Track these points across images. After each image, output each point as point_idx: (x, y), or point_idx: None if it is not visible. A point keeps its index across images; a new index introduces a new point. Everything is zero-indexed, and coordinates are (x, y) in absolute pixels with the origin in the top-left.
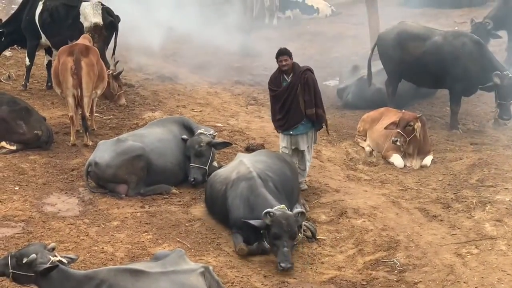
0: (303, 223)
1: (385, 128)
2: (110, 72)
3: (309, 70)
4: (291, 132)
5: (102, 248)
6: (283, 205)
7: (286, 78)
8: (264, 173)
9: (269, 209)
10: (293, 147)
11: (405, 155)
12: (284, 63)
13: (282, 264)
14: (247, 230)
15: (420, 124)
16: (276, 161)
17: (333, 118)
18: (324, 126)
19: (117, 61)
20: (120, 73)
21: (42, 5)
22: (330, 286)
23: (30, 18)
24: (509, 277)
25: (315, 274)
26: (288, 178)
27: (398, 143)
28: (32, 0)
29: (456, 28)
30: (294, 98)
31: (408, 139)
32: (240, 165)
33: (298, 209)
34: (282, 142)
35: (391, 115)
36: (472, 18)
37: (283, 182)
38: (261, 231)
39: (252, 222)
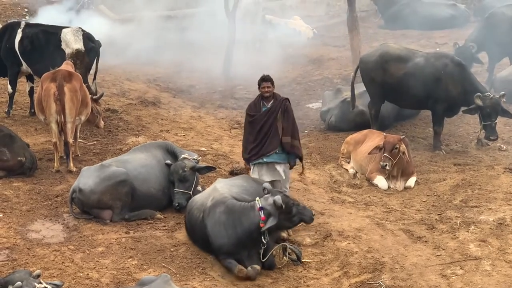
0: (288, 246)
1: (369, 153)
2: (90, 96)
3: (288, 100)
4: (264, 159)
5: (87, 274)
6: (266, 183)
7: (266, 104)
8: (240, 196)
9: (276, 197)
10: (267, 180)
11: (389, 177)
12: (266, 89)
13: (313, 213)
14: (236, 253)
15: (404, 145)
16: (253, 184)
17: (316, 140)
18: (299, 161)
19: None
20: (100, 97)
21: (21, 33)
22: None
23: (10, 45)
24: None
25: None
26: None
27: (387, 167)
28: (10, 28)
29: (438, 49)
30: (273, 124)
31: (395, 162)
32: (214, 192)
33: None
34: (253, 175)
35: (375, 137)
36: (455, 42)
37: None
38: (263, 230)
39: (271, 223)
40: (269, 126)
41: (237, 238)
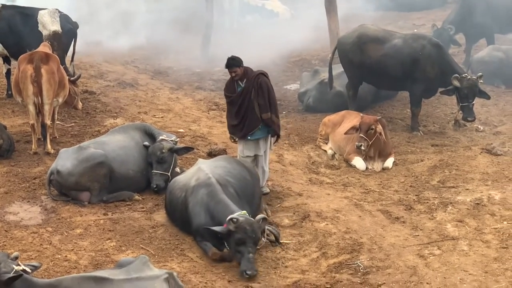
0: (266, 227)
1: (345, 133)
2: (68, 78)
3: (262, 74)
4: (248, 137)
5: (66, 256)
6: (244, 211)
7: (240, 83)
8: (223, 179)
9: (232, 215)
10: (251, 154)
11: (366, 158)
12: (234, 74)
13: (248, 272)
14: (210, 237)
15: (381, 126)
16: (236, 166)
17: (294, 122)
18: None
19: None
20: (78, 78)
21: None
22: None
23: None
24: (471, 277)
25: (279, 278)
26: (248, 182)
27: (362, 148)
28: None
29: (415, 30)
30: (249, 103)
31: (370, 143)
32: (199, 172)
33: (260, 215)
34: (243, 149)
35: (352, 118)
36: (433, 23)
37: (243, 187)
38: (223, 238)
39: (214, 228)
40: (246, 106)
41: (210, 224)
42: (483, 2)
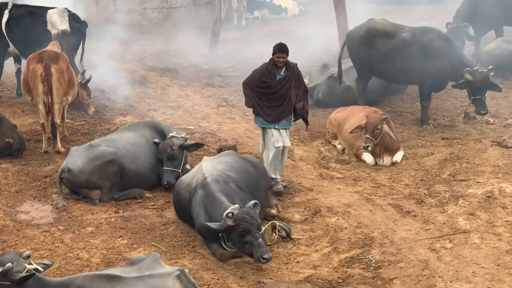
0: (277, 223)
1: (351, 132)
2: (79, 81)
3: (296, 64)
4: (276, 126)
5: (77, 254)
6: (236, 205)
7: (280, 72)
8: (224, 175)
9: (228, 211)
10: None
11: (374, 155)
12: (281, 59)
13: (265, 256)
14: (209, 235)
15: (386, 125)
16: (238, 160)
17: None
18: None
19: (84, 70)
20: (88, 81)
21: (8, 14)
22: (306, 285)
23: None
24: (483, 270)
25: (291, 274)
26: (252, 175)
27: (369, 148)
28: None
29: (424, 24)
30: (287, 92)
31: (376, 142)
32: (199, 171)
33: (251, 201)
34: (271, 136)
35: (358, 112)
36: (447, 22)
37: (246, 180)
38: (221, 235)
39: (211, 225)
40: (283, 93)
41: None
42: None
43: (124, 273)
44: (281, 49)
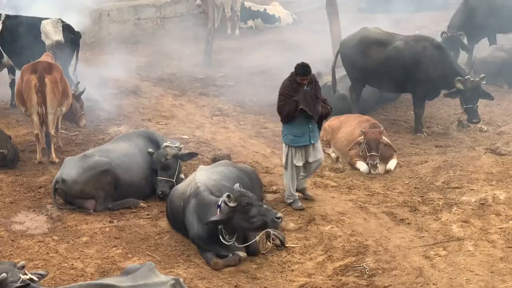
0: (271, 232)
1: (349, 149)
2: (72, 93)
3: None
4: (311, 141)
5: (72, 264)
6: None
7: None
8: (219, 184)
9: (223, 197)
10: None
11: (367, 163)
12: (305, 82)
13: (278, 215)
14: (205, 245)
15: (384, 137)
16: (233, 170)
17: None
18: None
19: (78, 82)
20: (82, 93)
21: (1, 25)
22: None
23: None
24: (477, 277)
25: (286, 282)
26: (247, 185)
27: (378, 165)
28: None
29: (417, 32)
30: (313, 102)
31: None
32: (193, 180)
33: (235, 185)
34: (293, 157)
35: (351, 121)
36: (442, 31)
37: None
38: (220, 227)
39: (214, 218)
40: (308, 103)
41: (204, 232)
42: (484, 1)
43: (119, 282)
44: (304, 73)
